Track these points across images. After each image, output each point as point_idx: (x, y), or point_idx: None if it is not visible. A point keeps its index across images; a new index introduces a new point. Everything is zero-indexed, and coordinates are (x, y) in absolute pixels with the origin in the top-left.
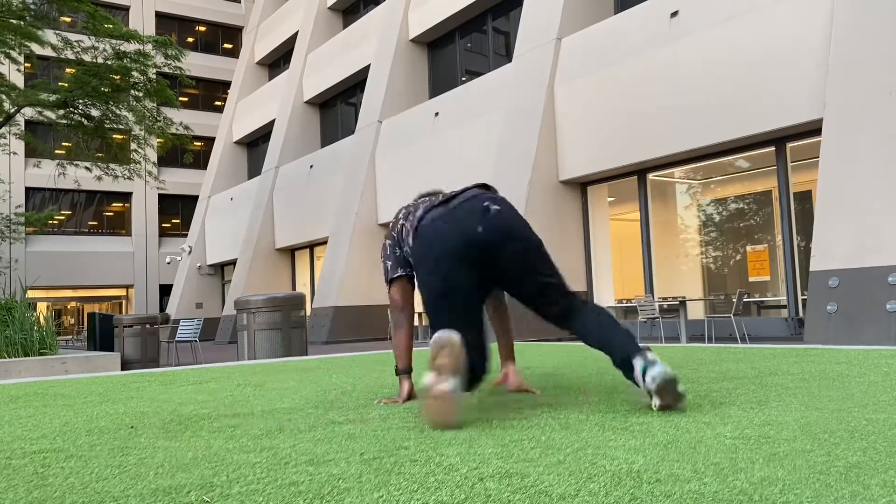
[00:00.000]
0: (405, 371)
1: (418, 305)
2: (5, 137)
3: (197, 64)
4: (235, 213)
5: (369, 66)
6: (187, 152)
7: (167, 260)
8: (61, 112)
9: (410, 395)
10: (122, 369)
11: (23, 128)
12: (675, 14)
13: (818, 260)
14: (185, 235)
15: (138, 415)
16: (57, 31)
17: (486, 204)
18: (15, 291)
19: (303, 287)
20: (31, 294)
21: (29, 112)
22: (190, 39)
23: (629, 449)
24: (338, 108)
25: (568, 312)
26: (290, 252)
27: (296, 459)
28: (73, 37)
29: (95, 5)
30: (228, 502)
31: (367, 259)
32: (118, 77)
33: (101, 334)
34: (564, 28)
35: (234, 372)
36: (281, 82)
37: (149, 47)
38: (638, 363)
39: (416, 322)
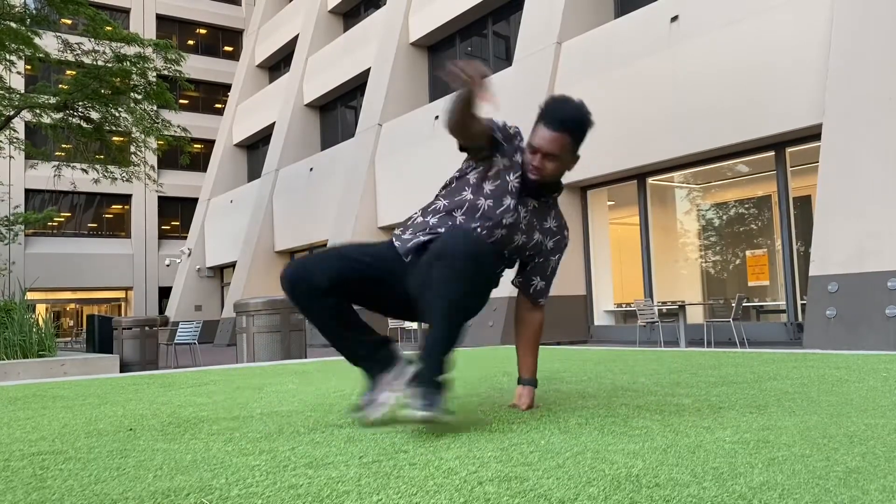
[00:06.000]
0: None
1: None
2: (2, 142)
3: (197, 66)
4: (235, 215)
5: (369, 69)
6: (184, 154)
7: (166, 262)
8: (59, 115)
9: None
10: (121, 371)
11: (22, 137)
12: (675, 19)
13: (817, 265)
14: (185, 238)
15: (137, 417)
16: (57, 35)
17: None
18: (14, 293)
19: None
20: (30, 296)
21: (28, 116)
22: (190, 42)
23: (628, 453)
24: (338, 111)
25: None
26: (290, 255)
27: (295, 462)
28: (73, 39)
29: (96, 8)
30: None
31: None
32: (118, 80)
33: (100, 336)
34: (565, 32)
35: (233, 374)
36: (281, 85)
37: (149, 50)
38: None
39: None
